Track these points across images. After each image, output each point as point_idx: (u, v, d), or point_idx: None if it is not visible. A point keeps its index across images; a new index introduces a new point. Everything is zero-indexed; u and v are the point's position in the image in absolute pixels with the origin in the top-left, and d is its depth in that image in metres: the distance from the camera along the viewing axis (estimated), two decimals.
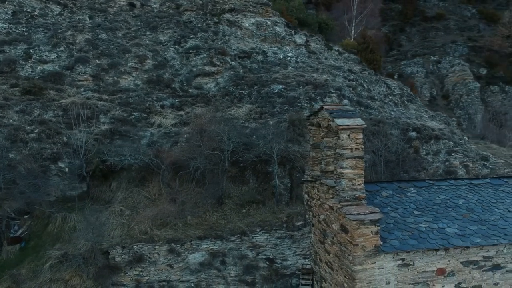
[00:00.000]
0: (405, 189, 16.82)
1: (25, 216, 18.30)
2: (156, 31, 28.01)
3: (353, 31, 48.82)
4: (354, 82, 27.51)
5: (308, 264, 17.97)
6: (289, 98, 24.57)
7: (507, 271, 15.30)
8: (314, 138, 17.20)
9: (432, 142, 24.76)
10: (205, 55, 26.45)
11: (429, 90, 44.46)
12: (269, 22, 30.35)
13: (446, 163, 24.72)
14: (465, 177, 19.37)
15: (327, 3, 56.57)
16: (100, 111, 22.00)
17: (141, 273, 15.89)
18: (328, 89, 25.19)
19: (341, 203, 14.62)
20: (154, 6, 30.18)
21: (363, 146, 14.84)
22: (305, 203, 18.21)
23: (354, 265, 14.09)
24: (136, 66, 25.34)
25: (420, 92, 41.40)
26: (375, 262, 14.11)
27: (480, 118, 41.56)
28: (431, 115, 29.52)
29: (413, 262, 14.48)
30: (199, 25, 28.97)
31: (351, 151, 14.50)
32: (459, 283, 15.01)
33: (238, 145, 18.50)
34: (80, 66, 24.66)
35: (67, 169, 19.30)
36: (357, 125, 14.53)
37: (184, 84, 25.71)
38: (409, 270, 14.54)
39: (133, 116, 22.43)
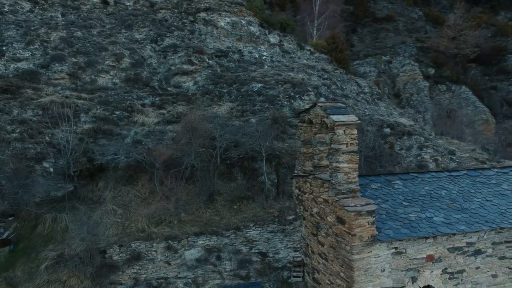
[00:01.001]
0: (392, 182, 17.73)
1: (10, 218, 17.79)
2: (131, 29, 27.71)
3: (315, 32, 50.02)
4: (328, 81, 28.36)
5: (298, 257, 18.53)
6: (269, 96, 25.04)
7: (487, 256, 16.44)
8: (305, 135, 17.83)
9: (405, 138, 26.00)
10: (183, 53, 26.47)
11: (382, 89, 46.30)
12: (243, 22, 30.72)
13: (418, 158, 26.04)
14: (445, 170, 20.46)
15: (280, 3, 57.64)
16: (81, 110, 21.62)
17: (139, 271, 15.86)
18: (305, 87, 25.86)
19: (338, 196, 15.29)
20: (128, 4, 29.80)
21: (357, 141, 15.56)
22: (295, 197, 18.78)
23: (352, 254, 14.77)
24: (114, 64, 25.00)
25: None
26: (371, 251, 14.83)
27: (430, 116, 43.66)
28: (400, 112, 30.89)
29: (405, 250, 15.33)
30: (175, 23, 28.90)
31: (347, 146, 15.21)
32: (446, 268, 16.02)
33: (230, 143, 18.77)
34: (56, 65, 24.04)
35: (52, 169, 18.89)
36: (352, 121, 15.28)
37: (163, 83, 25.63)
38: (402, 258, 15.38)
39: (115, 115, 22.18)
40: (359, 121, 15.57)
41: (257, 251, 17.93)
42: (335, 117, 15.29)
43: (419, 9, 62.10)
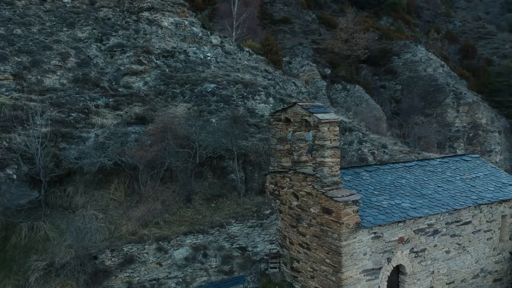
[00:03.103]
0: (360, 174, 19.47)
1: None
2: (73, 27, 26.41)
3: (234, 33, 51.17)
4: (272, 81, 29.59)
5: (274, 249, 19.48)
6: (223, 97, 25.59)
7: (442, 235, 18.81)
8: (281, 133, 18.84)
9: (347, 133, 28.12)
10: (131, 53, 25.93)
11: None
12: (186, 22, 30.75)
13: (359, 152, 28.31)
14: (400, 161, 22.65)
15: (200, 5, 58.17)
16: (35, 112, 20.39)
17: (131, 274, 15.64)
18: (256, 87, 26.83)
19: (324, 188, 16.53)
20: (66, 1, 28.25)
21: (339, 137, 16.92)
22: (269, 192, 19.73)
23: (340, 241, 16.15)
24: (60, 64, 23.75)
25: None
26: (356, 237, 16.35)
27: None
28: (335, 111, 33.09)
29: (382, 234, 17.06)
30: (118, 22, 28.07)
31: (330, 142, 16.55)
32: (412, 248, 18.08)
33: (209, 142, 19.10)
34: None
35: (15, 176, 17.69)
36: (334, 119, 16.66)
37: (113, 83, 24.91)
38: (380, 241, 17.11)
39: (72, 117, 21.24)
40: (340, 119, 16.98)
41: (237, 246, 18.54)
42: (319, 116, 16.51)
43: (312, 12, 64.83)
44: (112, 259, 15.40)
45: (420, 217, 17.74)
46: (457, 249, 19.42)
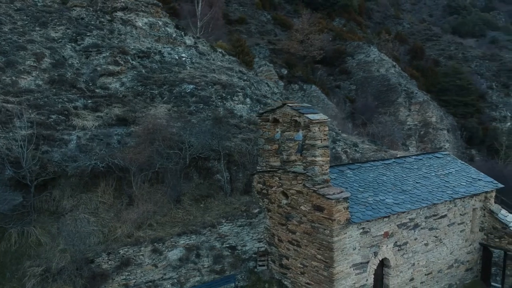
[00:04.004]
0: (344, 172, 20.15)
1: None
2: (46, 27, 25.65)
3: (198, 33, 51.17)
4: (248, 82, 29.94)
5: (262, 247, 19.86)
6: (202, 98, 25.68)
7: (421, 228, 19.83)
8: (269, 133, 19.24)
9: None
10: (107, 53, 25.53)
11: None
12: (160, 23, 30.52)
13: (333, 150, 29.12)
14: (380, 159, 23.53)
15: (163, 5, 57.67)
16: (13, 114, 19.79)
17: (128, 277, 15.56)
18: (234, 88, 27.10)
19: (316, 186, 17.07)
20: None
21: (328, 137, 17.50)
22: (257, 192, 20.10)
23: (332, 237, 16.74)
24: (35, 65, 23.09)
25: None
26: (346, 233, 17.01)
27: None
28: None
29: (370, 229, 17.83)
30: (92, 22, 27.49)
31: (321, 141, 17.10)
32: (396, 242, 18.96)
33: (198, 143, 19.19)
34: None
35: None
36: (324, 119, 17.21)
37: (90, 84, 24.48)
38: (367, 236, 17.87)
39: (52, 119, 20.75)
40: (329, 119, 17.56)
41: (228, 245, 18.79)
42: (310, 116, 17.03)
43: (267, 13, 65.55)
44: (109, 262, 15.27)
45: (403, 212, 18.65)
46: (435, 241, 20.52)
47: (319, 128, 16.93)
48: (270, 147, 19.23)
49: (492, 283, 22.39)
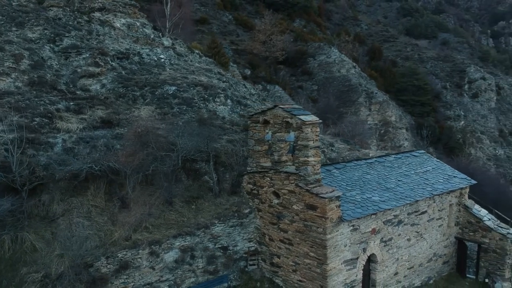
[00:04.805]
0: (331, 171, 20.77)
1: None
2: (23, 27, 24.94)
3: (167, 34, 50.85)
4: (227, 83, 30.15)
5: (253, 247, 20.19)
6: (185, 99, 25.71)
7: (404, 224, 20.70)
8: (259, 134, 19.60)
9: None
10: (87, 55, 25.12)
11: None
12: (138, 24, 30.24)
13: None
14: (362, 158, 24.26)
15: None
16: None
17: (126, 280, 15.52)
18: (216, 90, 27.25)
19: (309, 186, 17.56)
20: None
21: (319, 137, 18.02)
22: (247, 192, 20.41)
23: (325, 234, 17.30)
24: (14, 66, 22.47)
25: None
26: (338, 230, 17.62)
27: None
28: None
29: (359, 226, 18.52)
30: (70, 22, 26.91)
31: (313, 142, 17.59)
32: (382, 238, 19.75)
33: (190, 145, 19.28)
34: None
35: None
36: (316, 120, 17.73)
37: (71, 86, 24.04)
38: (357, 233, 18.54)
39: (35, 122, 20.32)
40: (320, 121, 18.08)
41: (220, 246, 19.00)
42: (303, 117, 17.51)
43: (229, 13, 65.56)
44: (108, 266, 15.20)
45: (389, 209, 19.44)
46: (416, 236, 21.46)
47: (311, 129, 17.43)
48: (260, 148, 19.59)
49: (467, 275, 23.62)
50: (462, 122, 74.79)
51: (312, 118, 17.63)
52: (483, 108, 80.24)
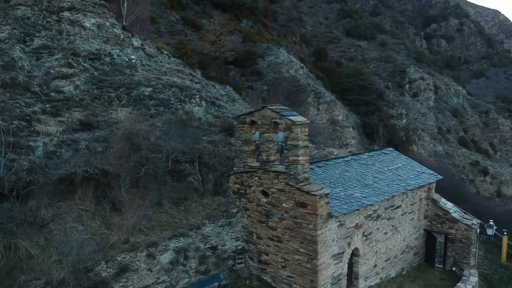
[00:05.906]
0: (314, 170, 21.55)
1: None
2: None
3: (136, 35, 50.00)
4: (200, 84, 30.30)
5: (240, 245, 20.59)
6: (161, 100, 25.65)
7: (382, 219, 21.86)
8: (246, 135, 20.02)
9: None
10: (60, 55, 24.46)
11: None
12: (108, 24, 29.65)
13: None
14: (340, 156, 25.17)
15: None
16: None
17: (125, 284, 15.43)
18: (191, 91, 27.36)
19: (299, 184, 18.20)
20: None
21: (307, 137, 18.71)
22: (233, 192, 20.78)
23: (316, 231, 18.05)
24: None
25: None
26: (327, 226, 18.42)
27: None
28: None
29: (344, 221, 19.41)
30: (39, 22, 26.00)
31: (302, 142, 18.25)
32: (363, 232, 20.79)
33: (179, 147, 19.34)
34: None
35: None
36: (305, 121, 18.41)
37: (44, 87, 23.34)
38: (343, 228, 19.43)
39: (14, 125, 19.68)
40: (309, 121, 18.75)
41: (209, 246, 19.26)
42: (293, 118, 18.11)
43: (176, 13, 65.01)
44: (108, 270, 15.08)
45: (370, 205, 20.46)
46: (392, 230, 22.69)
47: (301, 129, 18.06)
48: (247, 148, 20.01)
49: (436, 265, 25.17)
50: (405, 121, 78.52)
51: (302, 118, 18.27)
52: (423, 107, 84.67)
